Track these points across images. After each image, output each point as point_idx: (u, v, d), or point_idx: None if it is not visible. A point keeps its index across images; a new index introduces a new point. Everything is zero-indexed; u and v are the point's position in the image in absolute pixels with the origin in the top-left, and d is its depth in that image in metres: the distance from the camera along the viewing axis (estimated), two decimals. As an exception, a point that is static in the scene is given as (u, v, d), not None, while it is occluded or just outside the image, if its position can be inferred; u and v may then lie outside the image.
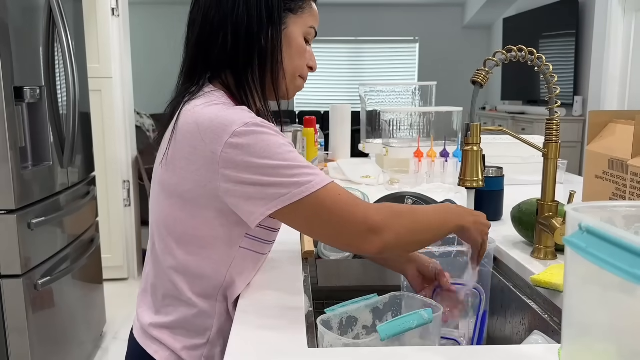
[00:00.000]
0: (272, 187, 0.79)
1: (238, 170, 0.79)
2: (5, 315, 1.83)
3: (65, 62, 2.10)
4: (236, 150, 0.79)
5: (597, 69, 4.19)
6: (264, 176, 0.79)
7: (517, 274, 1.10)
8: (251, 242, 0.92)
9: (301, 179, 0.79)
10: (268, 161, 0.79)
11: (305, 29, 0.93)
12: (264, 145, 0.79)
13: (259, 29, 0.88)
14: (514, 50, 0.99)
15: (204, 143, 0.81)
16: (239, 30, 0.87)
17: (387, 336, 0.78)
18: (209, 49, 0.89)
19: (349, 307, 0.90)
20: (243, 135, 0.79)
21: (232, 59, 0.89)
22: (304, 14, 0.93)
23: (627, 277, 0.41)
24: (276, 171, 0.79)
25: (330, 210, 0.80)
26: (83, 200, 2.37)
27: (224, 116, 0.81)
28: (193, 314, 0.93)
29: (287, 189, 0.79)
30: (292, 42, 0.92)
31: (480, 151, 0.99)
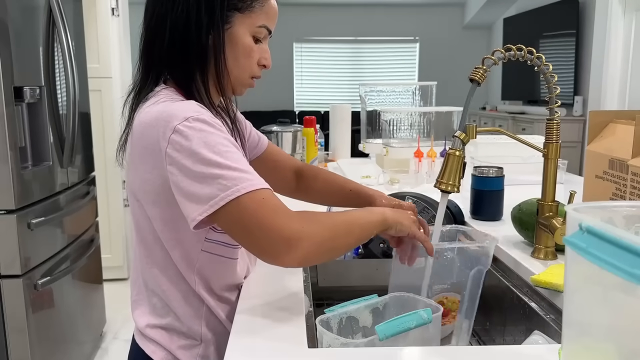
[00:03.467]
0: (203, 186, 0.77)
1: (177, 167, 0.79)
2: (5, 315, 1.83)
3: (65, 62, 2.10)
4: (176, 146, 0.78)
5: (597, 69, 4.19)
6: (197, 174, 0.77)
7: (517, 274, 1.10)
8: (213, 246, 0.91)
9: (228, 181, 0.77)
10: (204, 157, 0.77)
11: (253, 28, 0.91)
12: (201, 142, 0.78)
13: (197, 29, 0.87)
14: (513, 50, 0.99)
15: (153, 142, 0.81)
16: (176, 31, 0.87)
17: (385, 336, 0.78)
18: (153, 49, 0.90)
19: (348, 307, 0.90)
20: (182, 131, 0.78)
21: (173, 58, 0.89)
22: (253, 13, 0.90)
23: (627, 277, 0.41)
24: (208, 170, 0.77)
25: (250, 217, 0.77)
26: (83, 200, 2.37)
27: (167, 112, 0.81)
28: (180, 316, 0.94)
29: (214, 191, 0.77)
30: (238, 42, 0.90)
31: (462, 158, 0.99)
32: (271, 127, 2.17)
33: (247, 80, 0.94)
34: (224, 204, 0.76)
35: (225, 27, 0.88)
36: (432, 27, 7.15)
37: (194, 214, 0.78)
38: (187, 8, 0.86)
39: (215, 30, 0.87)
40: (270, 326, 0.83)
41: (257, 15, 0.90)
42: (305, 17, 7.01)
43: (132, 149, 0.86)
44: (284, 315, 0.86)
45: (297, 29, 7.01)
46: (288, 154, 1.26)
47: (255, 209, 0.77)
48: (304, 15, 6.99)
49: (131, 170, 0.88)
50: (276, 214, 0.78)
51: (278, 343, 0.77)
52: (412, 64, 7.29)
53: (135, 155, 0.86)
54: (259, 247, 0.79)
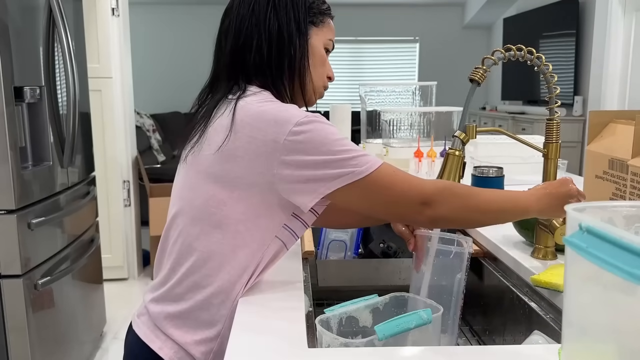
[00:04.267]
0: (333, 168, 0.85)
1: (300, 155, 0.85)
2: (5, 315, 1.83)
3: (65, 62, 2.11)
4: (299, 137, 0.85)
5: (597, 69, 4.19)
6: (326, 160, 0.85)
7: (517, 274, 1.10)
8: (286, 234, 0.96)
9: (360, 160, 0.86)
10: (328, 147, 0.85)
11: (325, 40, 1.02)
12: (325, 134, 0.86)
13: (289, 38, 0.96)
14: (513, 50, 0.99)
15: (266, 133, 0.87)
16: (271, 40, 0.95)
17: (385, 336, 0.78)
18: (244, 56, 0.96)
19: (348, 307, 0.90)
20: (305, 124, 0.86)
21: (265, 65, 0.96)
22: (324, 27, 1.02)
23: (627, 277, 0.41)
24: (336, 155, 0.85)
25: (387, 189, 0.87)
26: (83, 200, 2.37)
27: (285, 109, 0.89)
28: (210, 300, 0.93)
29: (347, 169, 0.85)
30: (316, 52, 1.00)
31: (462, 158, 0.99)
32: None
33: (321, 89, 1.04)
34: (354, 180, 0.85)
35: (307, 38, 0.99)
36: (432, 27, 7.15)
37: (321, 189, 0.86)
38: (278, 19, 0.96)
39: (302, 39, 0.97)
40: (270, 326, 0.83)
41: (327, 30, 1.03)
42: (305, 17, 7.01)
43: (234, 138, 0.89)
44: (284, 315, 0.86)
45: (297, 29, 7.00)
46: None
47: (391, 181, 0.88)
48: (304, 15, 6.98)
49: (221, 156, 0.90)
50: (410, 181, 0.89)
51: (278, 343, 0.77)
52: (412, 64, 7.28)
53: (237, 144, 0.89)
54: (397, 212, 0.91)
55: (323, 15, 1.02)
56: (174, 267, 0.96)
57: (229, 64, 0.98)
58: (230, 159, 0.90)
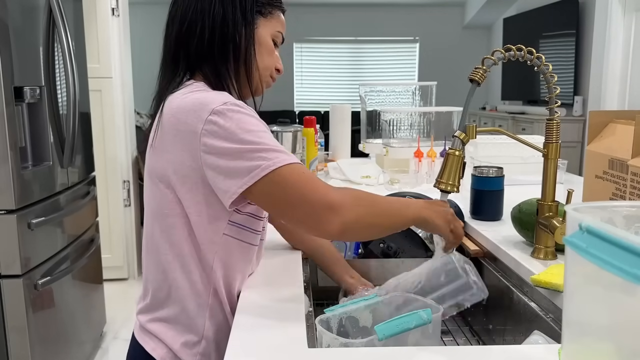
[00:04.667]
0: (243, 161, 0.82)
1: (215, 147, 0.83)
2: (5, 315, 1.83)
3: (65, 62, 2.10)
4: (215, 126, 0.83)
5: (597, 69, 4.19)
6: (237, 152, 0.83)
7: (517, 274, 1.10)
8: (236, 230, 0.94)
9: (269, 155, 0.83)
10: (243, 137, 0.83)
11: (274, 31, 1.00)
12: (241, 123, 0.84)
13: (233, 25, 0.94)
14: (513, 50, 0.99)
15: (187, 124, 0.85)
16: (214, 26, 0.94)
17: (384, 336, 0.78)
18: (187, 43, 0.95)
19: (348, 307, 0.90)
20: (221, 113, 0.84)
21: (209, 53, 0.95)
22: (272, 19, 0.99)
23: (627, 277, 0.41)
24: (250, 147, 0.83)
25: (291, 187, 0.83)
26: (83, 200, 2.37)
27: (204, 97, 0.87)
28: (186, 307, 0.94)
29: (255, 164, 0.82)
30: (262, 41, 0.98)
31: (462, 158, 0.99)
32: (271, 127, 2.17)
33: (268, 79, 1.02)
34: (264, 174, 0.82)
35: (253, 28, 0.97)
36: (432, 27, 7.15)
37: (234, 187, 0.83)
38: (224, 6, 0.94)
39: (248, 28, 0.95)
40: (270, 326, 0.83)
41: (275, 22, 1.00)
42: (305, 17, 7.01)
43: (162, 134, 0.90)
44: (284, 315, 0.86)
45: (297, 29, 7.01)
46: None
47: (296, 179, 0.83)
48: (304, 15, 6.99)
49: (157, 154, 0.91)
50: (317, 183, 0.84)
51: (278, 343, 0.77)
52: (412, 64, 7.28)
53: (165, 139, 0.89)
54: (300, 216, 0.85)
55: (272, 7, 0.99)
56: (150, 275, 0.98)
57: (173, 51, 0.97)
58: (163, 155, 0.90)
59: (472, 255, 1.26)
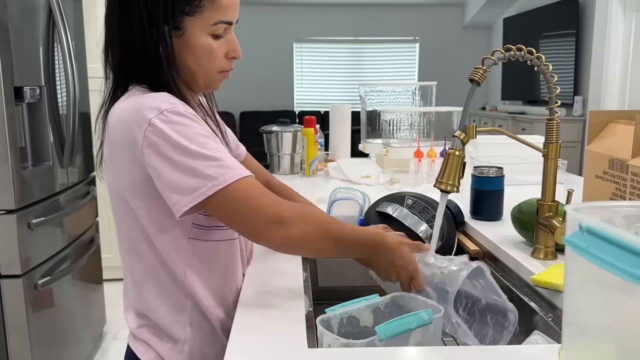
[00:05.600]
0: (189, 177, 0.80)
1: (157, 159, 0.81)
2: (5, 315, 1.83)
3: (65, 62, 2.10)
4: (153, 139, 0.80)
5: (597, 69, 4.19)
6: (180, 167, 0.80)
7: (517, 274, 1.10)
8: (202, 232, 0.91)
9: (216, 171, 0.80)
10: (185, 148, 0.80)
11: (209, 27, 0.89)
12: (180, 135, 0.80)
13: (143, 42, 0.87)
14: (513, 50, 0.99)
15: (127, 136, 0.83)
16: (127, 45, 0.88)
17: (385, 337, 0.78)
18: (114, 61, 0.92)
19: (349, 307, 0.90)
20: (158, 124, 0.80)
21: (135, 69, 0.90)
22: (203, 13, 0.88)
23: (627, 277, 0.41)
24: (191, 161, 0.80)
25: (242, 202, 0.82)
26: (83, 200, 2.37)
27: (141, 104, 0.82)
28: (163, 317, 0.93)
29: (202, 182, 0.80)
30: (195, 45, 0.89)
31: (462, 158, 0.99)
32: (271, 127, 2.17)
33: (216, 77, 0.94)
34: (211, 194, 0.80)
35: (178, 34, 0.88)
36: (432, 27, 7.15)
37: (178, 205, 0.81)
38: (130, 22, 0.87)
39: (163, 39, 0.87)
40: (270, 326, 0.83)
41: (209, 14, 0.88)
42: (305, 17, 7.01)
43: (109, 148, 0.88)
44: (284, 315, 0.86)
45: (297, 29, 7.01)
46: (263, 167, 1.26)
47: (246, 195, 0.82)
48: (304, 15, 6.99)
49: (109, 169, 0.90)
50: (267, 197, 0.84)
51: (278, 343, 0.77)
52: (412, 64, 7.28)
53: (112, 152, 0.87)
54: (249, 227, 0.84)
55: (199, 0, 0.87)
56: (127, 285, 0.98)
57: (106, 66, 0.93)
58: (113, 169, 0.88)
59: (472, 255, 1.26)
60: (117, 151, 0.86)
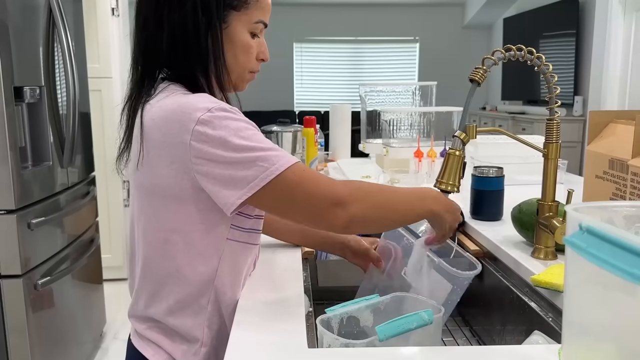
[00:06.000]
0: (240, 170, 0.80)
1: (207, 157, 0.80)
2: (5, 315, 1.83)
3: (65, 62, 2.10)
4: (203, 136, 0.80)
5: (597, 69, 4.19)
6: (232, 161, 0.80)
7: (517, 274, 1.10)
8: (241, 234, 0.92)
9: (266, 162, 0.80)
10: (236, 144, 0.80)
11: (250, 24, 0.91)
12: (231, 129, 0.80)
13: (195, 31, 0.87)
14: (513, 50, 0.99)
15: (172, 135, 0.81)
16: (175, 33, 0.87)
17: (385, 337, 0.78)
18: (153, 51, 0.90)
19: (349, 307, 0.90)
20: (208, 121, 0.80)
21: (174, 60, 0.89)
22: (248, 10, 0.90)
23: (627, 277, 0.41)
24: (244, 155, 0.80)
25: (296, 189, 0.81)
26: (83, 200, 2.37)
27: (186, 103, 0.82)
28: (183, 320, 0.92)
29: (254, 173, 0.80)
30: (236, 40, 0.91)
31: (462, 158, 0.99)
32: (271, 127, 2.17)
33: (247, 76, 0.96)
34: (265, 184, 0.79)
35: (223, 27, 0.89)
36: (432, 27, 7.15)
37: (232, 198, 0.80)
38: (184, 10, 0.86)
39: (213, 30, 0.88)
40: (270, 326, 0.83)
41: (253, 12, 0.91)
42: (305, 17, 7.01)
43: (147, 147, 0.85)
44: (284, 315, 0.86)
45: (297, 29, 7.01)
46: None
47: (300, 180, 0.81)
48: (304, 15, 6.99)
49: (144, 169, 0.87)
50: (320, 180, 0.83)
51: (278, 343, 0.77)
52: (412, 64, 7.28)
53: (151, 152, 0.85)
54: (308, 213, 0.84)
55: None
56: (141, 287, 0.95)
57: (142, 61, 0.92)
58: (150, 170, 0.86)
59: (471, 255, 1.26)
60: (158, 152, 0.84)
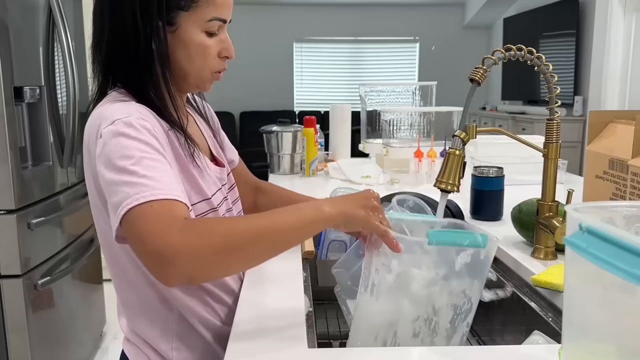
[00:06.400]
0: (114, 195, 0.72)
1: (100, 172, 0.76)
2: (5, 315, 1.83)
3: (65, 62, 2.10)
4: (98, 150, 0.77)
5: (597, 69, 4.19)
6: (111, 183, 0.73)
7: (517, 274, 1.10)
8: None
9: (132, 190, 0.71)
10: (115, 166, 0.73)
11: (203, 23, 0.85)
12: (116, 150, 0.74)
13: (136, 36, 0.83)
14: (513, 50, 0.99)
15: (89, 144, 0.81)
16: (117, 41, 0.84)
17: (435, 242, 0.76)
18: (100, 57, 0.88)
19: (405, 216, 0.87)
20: (104, 136, 0.76)
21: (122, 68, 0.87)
22: (198, 8, 0.85)
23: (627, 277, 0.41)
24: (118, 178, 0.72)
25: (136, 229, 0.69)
26: (83, 200, 2.36)
27: (101, 115, 0.79)
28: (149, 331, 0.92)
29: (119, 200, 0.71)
30: (188, 42, 0.86)
31: (463, 157, 0.99)
32: (271, 127, 2.17)
33: (209, 77, 0.91)
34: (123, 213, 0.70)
35: (171, 30, 0.85)
36: (432, 27, 7.15)
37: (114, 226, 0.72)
38: (122, 15, 0.83)
39: (156, 35, 0.83)
40: (270, 326, 0.83)
41: (204, 10, 0.85)
42: (305, 17, 7.01)
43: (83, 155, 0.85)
44: (284, 315, 0.86)
45: (297, 29, 7.01)
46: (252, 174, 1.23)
47: (144, 219, 0.68)
48: (304, 15, 6.99)
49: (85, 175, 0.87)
50: (158, 225, 0.68)
51: (278, 343, 0.77)
52: (412, 64, 7.28)
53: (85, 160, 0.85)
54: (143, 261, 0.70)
55: None
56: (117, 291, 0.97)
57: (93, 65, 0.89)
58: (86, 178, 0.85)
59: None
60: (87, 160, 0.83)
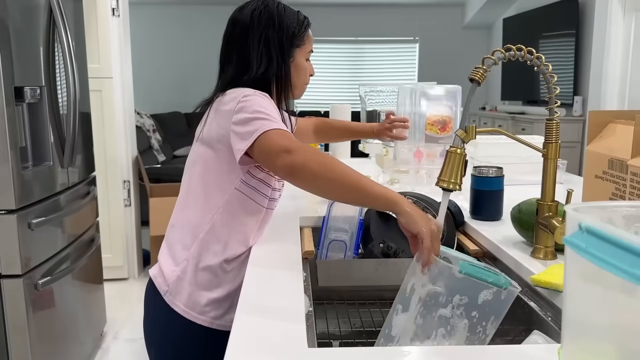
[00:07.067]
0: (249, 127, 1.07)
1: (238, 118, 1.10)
2: (5, 315, 1.83)
3: (65, 62, 2.11)
4: (240, 104, 1.10)
5: (597, 69, 4.19)
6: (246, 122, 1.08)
7: (517, 274, 1.10)
8: (245, 188, 1.16)
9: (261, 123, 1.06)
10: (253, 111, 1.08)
11: (306, 54, 1.26)
12: (255, 103, 1.10)
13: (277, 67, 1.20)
14: (513, 50, 0.99)
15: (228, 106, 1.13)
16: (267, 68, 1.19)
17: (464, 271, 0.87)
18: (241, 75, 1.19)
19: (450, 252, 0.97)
20: (247, 96, 1.12)
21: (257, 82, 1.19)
22: (304, 44, 1.24)
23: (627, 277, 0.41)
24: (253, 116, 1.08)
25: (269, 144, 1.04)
26: (83, 200, 2.37)
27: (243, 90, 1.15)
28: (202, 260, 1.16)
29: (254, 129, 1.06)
30: (299, 68, 1.25)
31: (464, 156, 0.98)
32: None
33: (304, 88, 1.30)
34: (256, 137, 1.05)
35: (290, 61, 1.22)
36: (432, 27, 7.15)
37: (240, 146, 1.08)
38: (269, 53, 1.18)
39: (285, 66, 1.21)
40: (270, 326, 0.83)
41: (307, 44, 1.25)
42: (305, 17, 7.01)
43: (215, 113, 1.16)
44: (284, 315, 0.86)
45: (297, 29, 7.00)
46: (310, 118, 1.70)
47: (274, 138, 1.04)
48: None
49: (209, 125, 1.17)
50: (286, 139, 1.04)
51: (278, 343, 0.77)
52: (412, 64, 7.28)
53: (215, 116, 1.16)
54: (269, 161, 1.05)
55: (303, 32, 1.22)
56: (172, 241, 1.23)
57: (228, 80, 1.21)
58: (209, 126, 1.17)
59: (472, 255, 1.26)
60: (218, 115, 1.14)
